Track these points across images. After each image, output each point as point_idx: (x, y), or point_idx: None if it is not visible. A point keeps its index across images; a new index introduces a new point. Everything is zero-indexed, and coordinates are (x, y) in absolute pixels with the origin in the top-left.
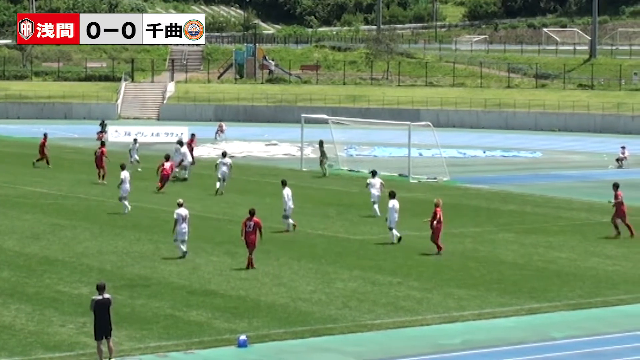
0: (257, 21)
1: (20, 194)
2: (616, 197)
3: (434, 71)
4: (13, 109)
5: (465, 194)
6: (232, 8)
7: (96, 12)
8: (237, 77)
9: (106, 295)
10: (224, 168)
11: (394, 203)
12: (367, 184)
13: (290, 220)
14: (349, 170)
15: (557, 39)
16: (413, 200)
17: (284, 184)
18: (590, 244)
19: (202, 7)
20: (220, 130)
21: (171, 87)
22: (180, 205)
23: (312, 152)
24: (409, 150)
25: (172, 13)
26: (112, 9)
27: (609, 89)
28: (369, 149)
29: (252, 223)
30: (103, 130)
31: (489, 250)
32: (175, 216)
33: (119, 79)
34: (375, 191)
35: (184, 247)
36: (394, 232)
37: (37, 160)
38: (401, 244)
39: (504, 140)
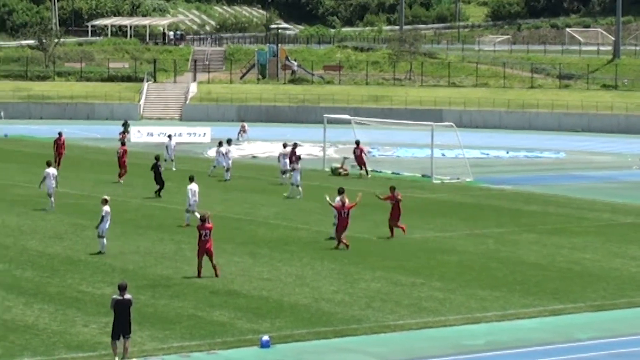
0: (279, 21)
1: (43, 194)
2: (392, 197)
3: (457, 71)
4: (36, 110)
5: (488, 194)
6: (255, 8)
7: (119, 13)
8: (260, 77)
9: (127, 296)
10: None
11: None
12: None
13: (197, 214)
14: (372, 171)
15: (581, 39)
16: (436, 201)
17: (191, 179)
18: (614, 245)
19: (225, 7)
20: (243, 130)
21: (193, 88)
22: (106, 202)
23: (334, 152)
24: (432, 151)
25: (194, 13)
26: (134, 9)
27: (632, 90)
28: (391, 149)
29: (207, 231)
30: (125, 131)
31: (511, 251)
32: (103, 213)
33: (142, 80)
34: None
35: (105, 243)
36: (197, 215)
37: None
38: (425, 244)
39: (527, 140)
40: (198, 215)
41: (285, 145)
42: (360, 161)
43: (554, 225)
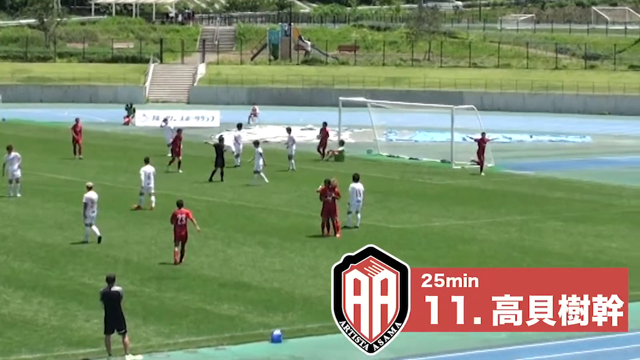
0: None
1: (42, 182)
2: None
3: (478, 52)
4: (36, 92)
5: (510, 180)
6: None
7: None
8: (271, 58)
9: (115, 288)
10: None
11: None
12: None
13: (153, 198)
14: (389, 156)
15: (607, 17)
16: (456, 188)
17: (146, 161)
18: None
19: None
20: (254, 114)
21: (202, 69)
22: (89, 188)
23: (350, 137)
24: (452, 135)
25: None
26: None
27: None
28: (409, 133)
29: (183, 216)
30: (130, 114)
31: (535, 239)
32: (84, 200)
33: (147, 61)
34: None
35: (96, 230)
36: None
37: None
38: (445, 233)
39: (552, 124)
40: (153, 199)
41: (289, 130)
42: (322, 143)
43: (580, 212)
